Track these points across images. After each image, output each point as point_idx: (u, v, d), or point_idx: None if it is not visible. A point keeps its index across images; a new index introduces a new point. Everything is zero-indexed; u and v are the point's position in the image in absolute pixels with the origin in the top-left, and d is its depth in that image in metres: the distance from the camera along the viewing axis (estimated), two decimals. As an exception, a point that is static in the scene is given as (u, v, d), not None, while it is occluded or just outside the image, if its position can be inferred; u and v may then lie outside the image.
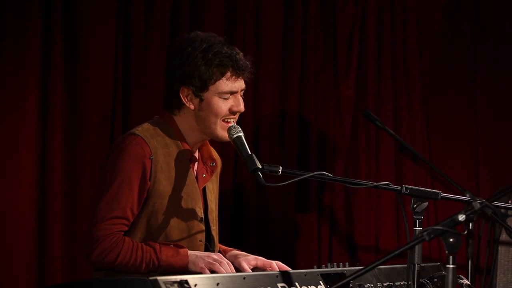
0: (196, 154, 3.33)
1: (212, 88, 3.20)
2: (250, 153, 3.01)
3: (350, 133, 4.97)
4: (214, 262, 3.03)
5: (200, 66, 3.17)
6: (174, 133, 3.25)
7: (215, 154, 3.43)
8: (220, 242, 3.43)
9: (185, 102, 3.22)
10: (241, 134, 3.13)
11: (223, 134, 3.21)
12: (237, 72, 3.21)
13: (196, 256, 3.08)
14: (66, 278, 4.02)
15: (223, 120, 3.22)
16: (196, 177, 3.30)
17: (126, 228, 3.13)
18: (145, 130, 3.21)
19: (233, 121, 3.24)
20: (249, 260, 3.22)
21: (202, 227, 3.28)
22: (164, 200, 3.18)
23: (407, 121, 5.09)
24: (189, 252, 3.10)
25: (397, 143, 4.96)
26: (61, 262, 4.04)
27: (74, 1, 4.11)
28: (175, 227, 3.20)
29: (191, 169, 3.27)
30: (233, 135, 3.13)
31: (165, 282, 2.49)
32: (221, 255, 3.13)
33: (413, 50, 5.13)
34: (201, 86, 3.19)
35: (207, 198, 3.34)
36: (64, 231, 4.05)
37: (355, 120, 4.98)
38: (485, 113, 5.26)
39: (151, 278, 2.49)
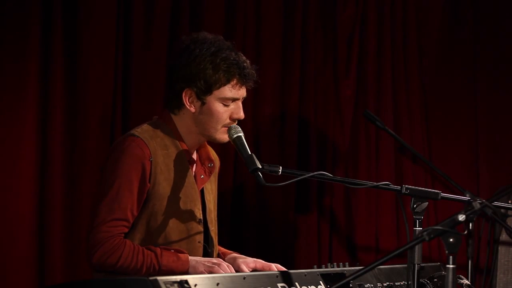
0: (194, 156, 3.33)
1: (216, 92, 3.20)
2: (250, 153, 3.01)
3: (350, 133, 4.97)
4: (214, 265, 3.03)
5: (207, 69, 3.17)
6: (173, 135, 3.25)
7: (213, 154, 3.42)
8: (219, 242, 3.43)
9: (186, 104, 3.22)
10: (241, 134, 3.13)
11: (221, 137, 3.22)
12: (243, 80, 3.21)
13: (196, 261, 3.09)
14: (66, 278, 4.02)
15: (223, 126, 3.22)
16: (195, 178, 3.30)
17: (126, 230, 3.13)
18: (144, 131, 3.21)
19: None
20: (248, 263, 3.23)
21: (201, 228, 3.28)
22: (164, 201, 3.18)
23: (407, 121, 5.09)
24: (190, 257, 3.10)
25: (397, 143, 4.96)
26: (61, 262, 4.03)
27: (74, 1, 4.11)
28: (174, 228, 3.20)
29: (190, 170, 3.27)
30: (233, 135, 3.14)
31: (165, 282, 2.49)
32: (220, 259, 3.13)
33: (413, 50, 5.13)
34: (205, 89, 3.19)
35: (206, 199, 3.34)
36: (64, 231, 4.05)
37: (355, 120, 4.97)
38: (485, 113, 5.26)
39: (151, 278, 2.49)
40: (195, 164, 3.32)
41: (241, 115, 3.24)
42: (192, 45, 3.22)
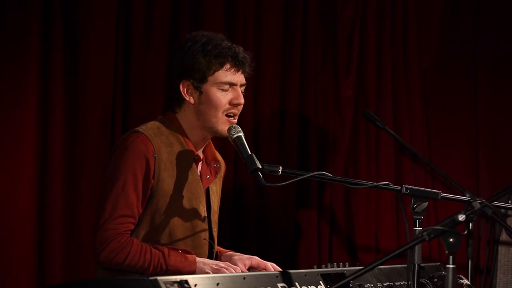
0: (200, 154, 3.33)
1: (210, 79, 3.21)
2: (250, 153, 3.01)
3: (350, 133, 4.97)
4: (221, 269, 3.03)
5: (199, 57, 3.20)
6: (178, 133, 3.25)
7: (219, 156, 3.43)
8: (219, 242, 3.43)
9: (184, 96, 3.23)
10: (241, 134, 3.13)
11: (223, 128, 3.21)
12: (236, 64, 3.22)
13: (204, 263, 3.10)
14: (66, 278, 4.02)
15: (226, 115, 3.22)
16: (200, 178, 3.30)
17: (133, 227, 3.13)
18: (149, 128, 3.21)
19: (235, 117, 3.24)
20: (243, 260, 3.24)
21: (205, 226, 3.27)
22: (168, 198, 3.18)
23: (407, 121, 5.09)
24: (197, 258, 3.11)
25: (397, 143, 4.96)
26: (61, 262, 4.04)
27: (74, 1, 4.12)
28: (179, 225, 3.20)
29: (195, 168, 3.27)
30: (233, 135, 3.13)
31: (165, 282, 2.49)
32: (229, 263, 3.13)
33: (413, 50, 5.13)
34: (200, 77, 3.20)
35: (211, 200, 3.34)
36: (64, 231, 4.05)
37: (355, 120, 4.98)
38: (485, 113, 5.26)
39: (151, 278, 2.49)
40: (200, 164, 3.32)
41: (241, 100, 3.24)
42: (184, 41, 3.27)
